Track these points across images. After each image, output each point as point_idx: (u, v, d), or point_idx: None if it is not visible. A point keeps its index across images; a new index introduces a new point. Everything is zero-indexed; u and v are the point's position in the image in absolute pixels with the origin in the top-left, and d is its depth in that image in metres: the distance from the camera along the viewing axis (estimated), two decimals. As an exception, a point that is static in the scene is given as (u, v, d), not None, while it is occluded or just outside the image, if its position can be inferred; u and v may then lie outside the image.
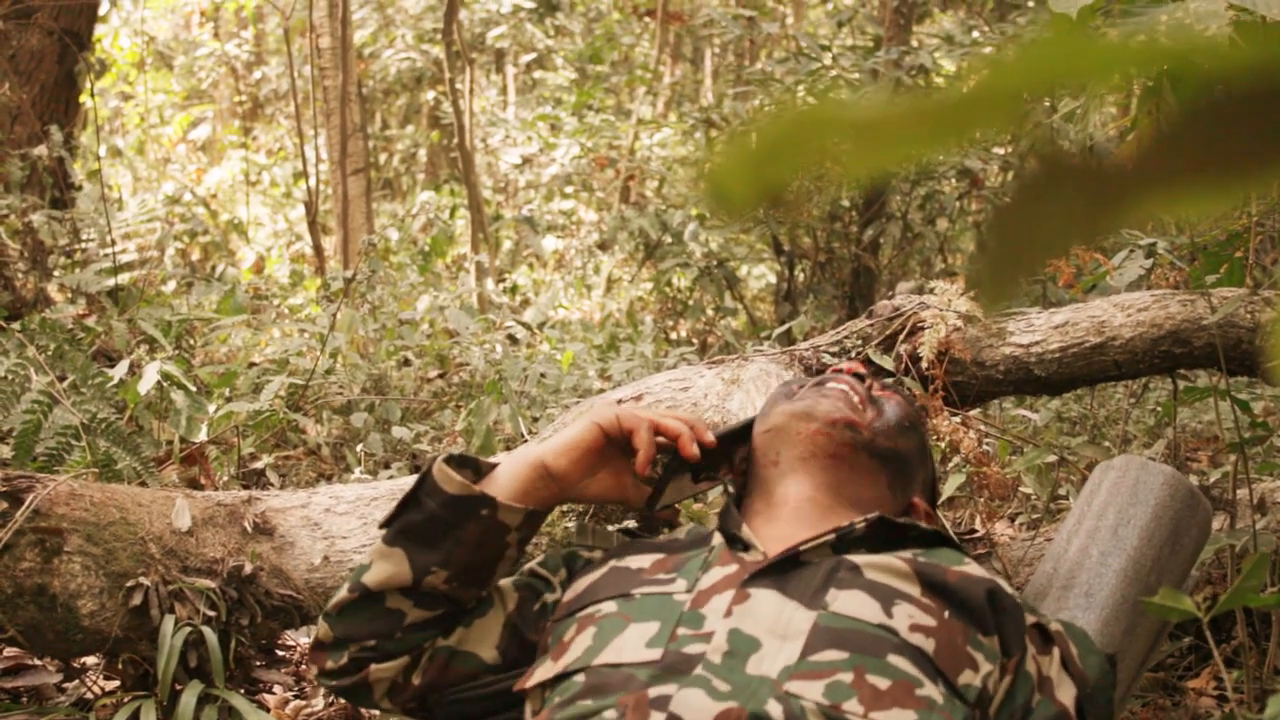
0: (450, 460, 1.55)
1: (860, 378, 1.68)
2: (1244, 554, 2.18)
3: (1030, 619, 1.44)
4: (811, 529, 1.50)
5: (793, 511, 1.54)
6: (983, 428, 2.84)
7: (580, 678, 1.35)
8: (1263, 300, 2.31)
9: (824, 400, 1.61)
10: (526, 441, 2.96)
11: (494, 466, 1.58)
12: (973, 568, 1.46)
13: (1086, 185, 0.31)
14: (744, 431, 1.67)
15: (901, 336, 2.47)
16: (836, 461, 1.56)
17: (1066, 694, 1.41)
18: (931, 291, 2.52)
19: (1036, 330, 2.43)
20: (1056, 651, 1.43)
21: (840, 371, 1.68)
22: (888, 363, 2.42)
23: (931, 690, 1.28)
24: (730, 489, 1.65)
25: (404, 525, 1.52)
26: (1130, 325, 2.38)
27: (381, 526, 1.56)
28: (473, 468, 1.57)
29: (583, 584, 1.53)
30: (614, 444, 1.59)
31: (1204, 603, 1.53)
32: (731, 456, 1.68)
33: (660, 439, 1.59)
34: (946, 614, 1.37)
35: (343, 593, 1.55)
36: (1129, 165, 0.31)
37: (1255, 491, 2.45)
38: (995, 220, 0.32)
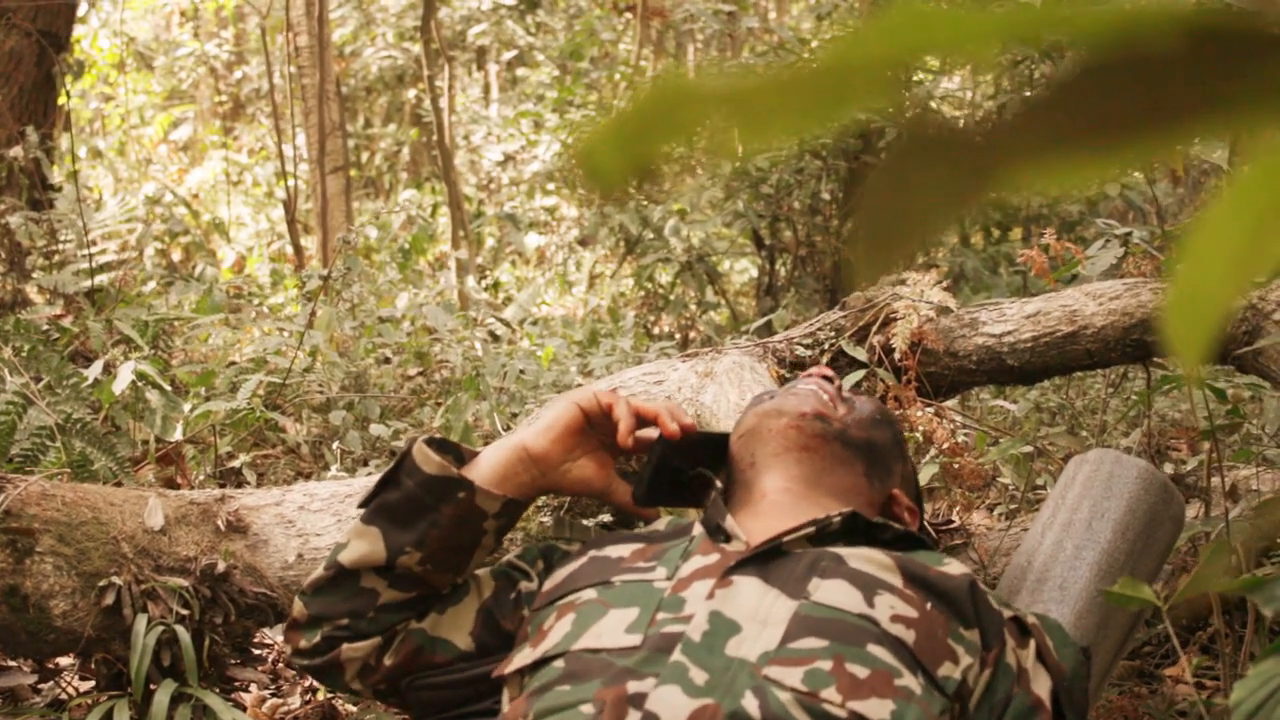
0: (431, 442, 1.57)
1: (829, 379, 1.69)
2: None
3: (1007, 613, 1.45)
4: (791, 518, 1.50)
5: (771, 504, 1.54)
6: (958, 419, 2.85)
7: (559, 663, 1.36)
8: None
9: (792, 397, 1.63)
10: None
11: (476, 454, 1.60)
12: (953, 566, 1.46)
13: (957, 154, 0.31)
14: (721, 440, 1.67)
15: (875, 328, 2.47)
16: (809, 453, 1.57)
17: (1042, 686, 1.41)
18: (904, 283, 2.52)
19: (1009, 320, 2.43)
20: (1033, 644, 1.44)
21: (810, 375, 1.71)
22: (861, 354, 2.43)
23: (910, 681, 1.29)
24: (719, 482, 1.65)
25: (381, 503, 1.55)
26: (1102, 314, 2.38)
27: (360, 505, 1.58)
28: (454, 454, 1.59)
29: (562, 574, 1.54)
30: (595, 428, 1.60)
31: (1169, 592, 1.53)
32: (716, 463, 1.65)
33: (642, 433, 1.59)
34: (928, 605, 1.38)
35: (319, 570, 1.58)
36: (998, 133, 0.30)
37: (1228, 479, 2.45)
38: (867, 190, 0.32)
